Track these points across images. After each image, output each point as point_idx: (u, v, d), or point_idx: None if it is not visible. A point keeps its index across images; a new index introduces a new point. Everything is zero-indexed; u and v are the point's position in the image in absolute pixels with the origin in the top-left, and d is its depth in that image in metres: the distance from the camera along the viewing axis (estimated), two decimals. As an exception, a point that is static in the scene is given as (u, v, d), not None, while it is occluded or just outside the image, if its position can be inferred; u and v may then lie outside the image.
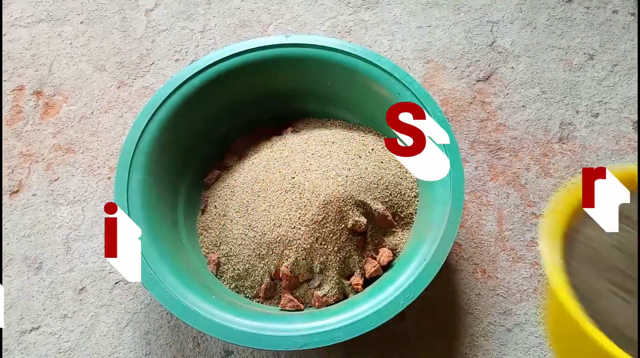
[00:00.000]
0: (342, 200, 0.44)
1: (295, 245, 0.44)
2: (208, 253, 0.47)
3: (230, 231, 0.46)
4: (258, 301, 0.45)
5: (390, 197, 0.46)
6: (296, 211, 0.44)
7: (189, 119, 0.48)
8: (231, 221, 0.47)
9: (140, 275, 0.40)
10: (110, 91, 0.59)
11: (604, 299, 0.23)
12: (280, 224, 0.44)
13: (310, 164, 0.46)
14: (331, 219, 0.44)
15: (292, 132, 0.52)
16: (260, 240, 0.44)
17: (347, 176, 0.45)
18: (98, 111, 0.58)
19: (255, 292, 0.45)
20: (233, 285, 0.46)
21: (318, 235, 0.43)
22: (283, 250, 0.44)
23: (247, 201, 0.46)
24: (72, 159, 0.55)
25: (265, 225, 0.45)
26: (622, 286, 0.23)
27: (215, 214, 0.48)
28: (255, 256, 0.45)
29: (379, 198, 0.45)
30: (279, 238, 0.44)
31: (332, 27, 0.63)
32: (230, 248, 0.46)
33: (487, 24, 0.62)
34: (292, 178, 0.45)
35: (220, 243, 0.47)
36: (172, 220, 0.47)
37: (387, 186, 0.46)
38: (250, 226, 0.45)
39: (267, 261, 0.44)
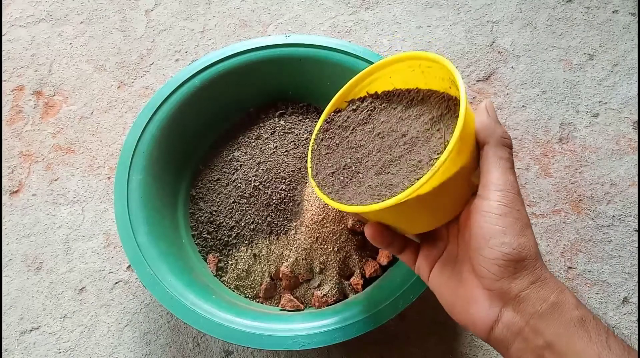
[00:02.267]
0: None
1: (295, 245, 0.44)
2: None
3: (230, 231, 0.46)
4: (258, 302, 0.45)
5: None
6: (296, 211, 0.44)
7: (189, 119, 0.48)
8: (231, 221, 0.47)
9: (140, 275, 0.40)
10: (110, 91, 0.59)
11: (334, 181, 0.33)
12: (280, 224, 0.44)
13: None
14: (331, 219, 0.43)
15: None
16: (260, 240, 0.44)
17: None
18: (98, 111, 0.58)
19: (255, 292, 0.45)
20: (233, 285, 0.46)
21: (318, 234, 0.43)
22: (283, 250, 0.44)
23: (247, 201, 0.46)
24: (72, 159, 0.55)
25: (265, 224, 0.45)
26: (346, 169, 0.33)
27: (215, 214, 0.48)
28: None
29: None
30: (279, 238, 0.44)
31: (332, 27, 0.63)
32: (230, 248, 0.46)
33: (487, 24, 0.62)
34: (292, 178, 0.45)
35: (220, 243, 0.47)
36: (172, 220, 0.47)
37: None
38: (250, 226, 0.45)
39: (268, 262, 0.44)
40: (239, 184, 0.46)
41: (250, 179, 0.46)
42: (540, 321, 0.28)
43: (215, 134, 0.51)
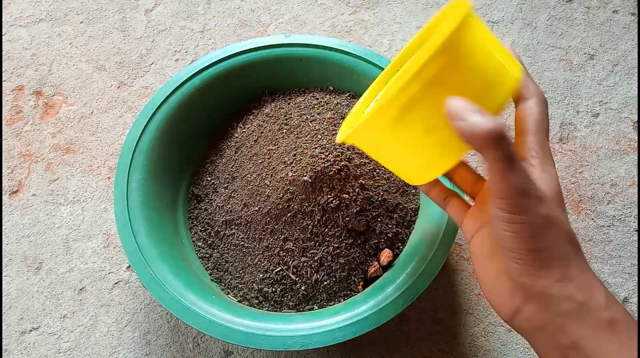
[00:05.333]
0: (342, 200, 0.43)
1: (295, 245, 0.44)
2: (208, 253, 0.47)
3: (230, 231, 0.46)
4: (258, 302, 0.45)
5: (390, 197, 0.46)
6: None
7: (189, 119, 0.48)
8: (231, 221, 0.47)
9: (140, 275, 0.40)
10: (110, 91, 0.59)
11: None
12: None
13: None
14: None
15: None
16: (260, 240, 0.44)
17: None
18: (98, 111, 0.58)
19: (255, 292, 0.45)
20: (233, 285, 0.46)
21: (318, 235, 0.43)
22: (283, 250, 0.44)
23: (247, 201, 0.46)
24: (72, 159, 0.55)
25: (265, 224, 0.45)
26: None
27: (215, 214, 0.48)
28: (255, 256, 0.45)
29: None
30: (279, 238, 0.44)
31: (332, 27, 0.63)
32: (230, 248, 0.46)
33: (487, 24, 0.62)
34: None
35: (220, 243, 0.47)
36: (172, 220, 0.47)
37: (387, 186, 0.46)
38: (250, 226, 0.45)
39: (267, 261, 0.44)
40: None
41: (250, 179, 0.46)
42: (565, 320, 0.27)
43: (215, 134, 0.51)
